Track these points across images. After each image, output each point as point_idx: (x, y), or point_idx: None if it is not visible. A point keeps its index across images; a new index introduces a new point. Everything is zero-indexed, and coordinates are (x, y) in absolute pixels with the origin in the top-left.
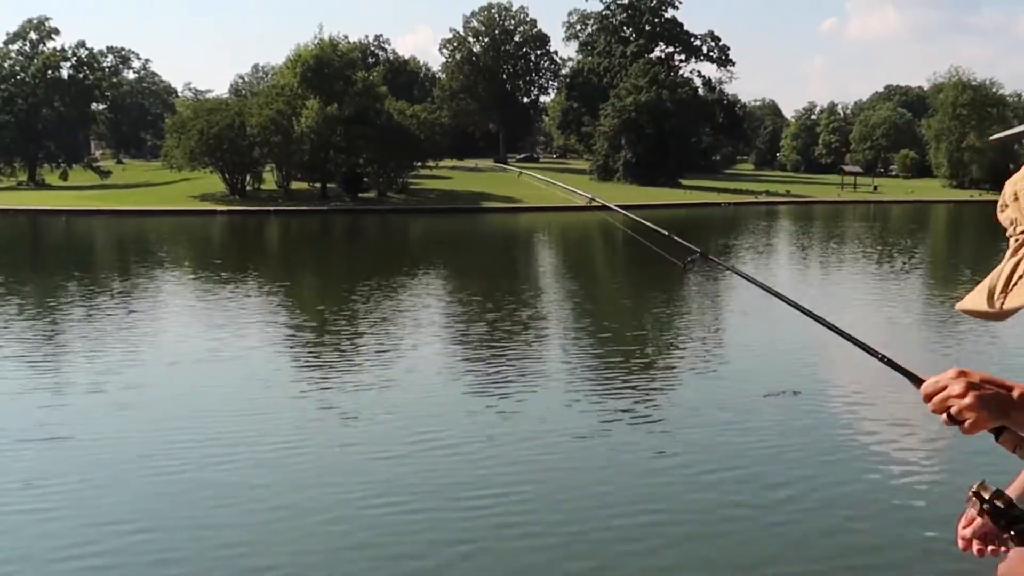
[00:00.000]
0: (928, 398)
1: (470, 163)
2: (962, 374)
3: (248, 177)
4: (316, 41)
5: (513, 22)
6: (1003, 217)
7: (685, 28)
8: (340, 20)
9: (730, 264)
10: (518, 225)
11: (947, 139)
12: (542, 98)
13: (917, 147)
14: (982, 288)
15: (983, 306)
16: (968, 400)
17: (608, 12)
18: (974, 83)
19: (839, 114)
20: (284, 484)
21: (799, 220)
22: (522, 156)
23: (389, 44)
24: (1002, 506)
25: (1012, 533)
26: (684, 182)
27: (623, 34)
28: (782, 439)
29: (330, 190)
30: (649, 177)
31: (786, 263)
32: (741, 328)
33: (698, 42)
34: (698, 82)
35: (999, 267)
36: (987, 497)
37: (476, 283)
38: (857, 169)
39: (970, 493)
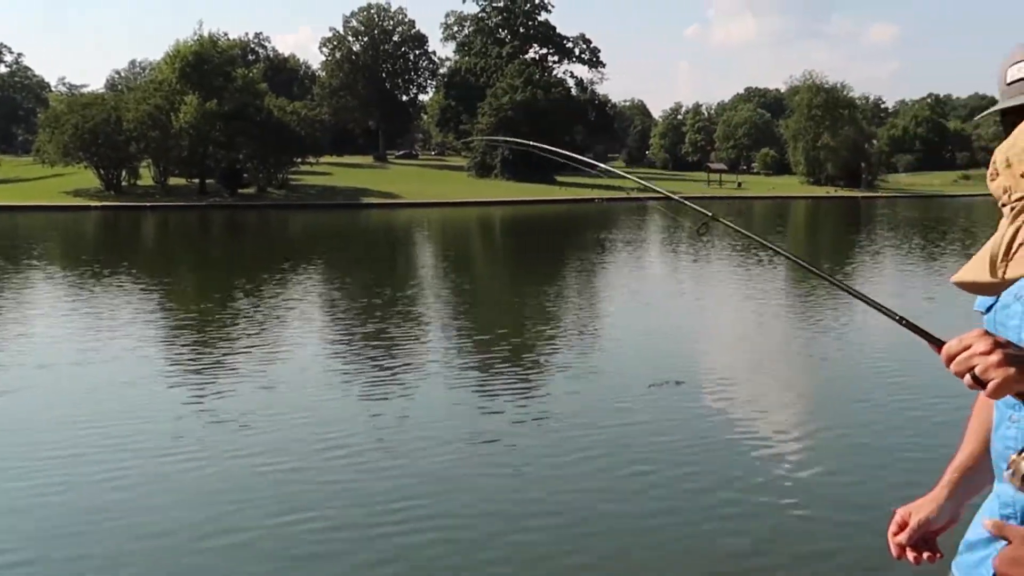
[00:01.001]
0: (950, 358)
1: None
2: (987, 334)
3: (124, 172)
4: (196, 37)
5: (392, 22)
6: (995, 186)
7: (558, 31)
8: (220, 18)
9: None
10: (398, 220)
11: (804, 138)
12: (421, 96)
13: (776, 146)
14: (981, 258)
15: (984, 277)
16: (995, 357)
17: (484, 15)
18: (827, 86)
19: (704, 114)
20: (166, 500)
21: (668, 214)
22: (401, 153)
23: (269, 42)
24: None
25: None
26: (559, 179)
27: (499, 36)
28: (666, 431)
29: (209, 186)
30: (525, 174)
31: (657, 255)
32: (625, 319)
33: (570, 44)
34: (571, 82)
35: (996, 236)
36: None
37: (358, 279)
38: (722, 167)
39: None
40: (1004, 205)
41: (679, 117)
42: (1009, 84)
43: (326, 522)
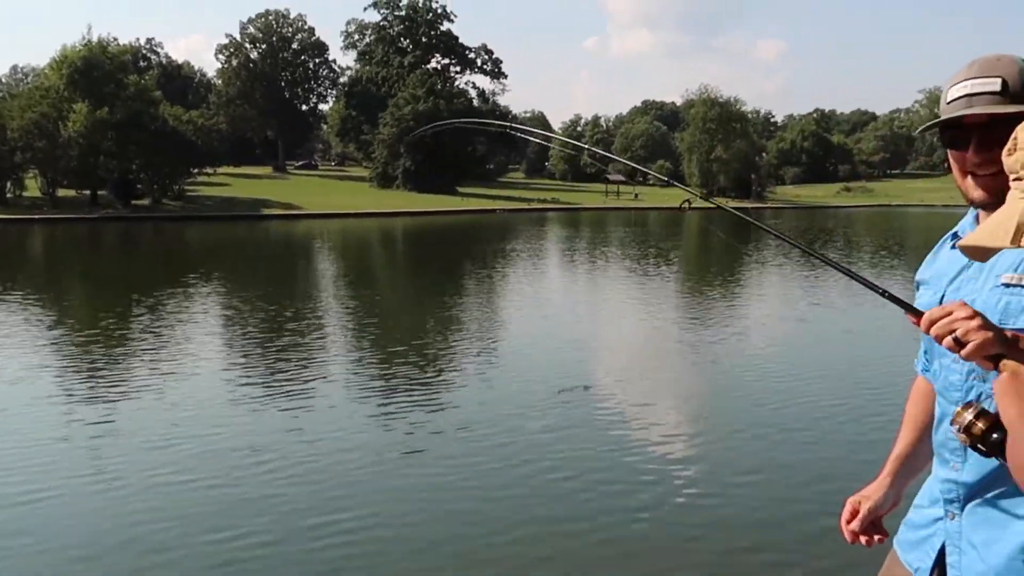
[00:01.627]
0: (932, 323)
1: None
2: (966, 304)
3: (8, 184)
4: (84, 42)
5: (291, 29)
6: (1011, 160)
7: (460, 41)
8: (108, 22)
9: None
10: (299, 232)
11: (698, 151)
12: (321, 106)
13: (672, 158)
14: (997, 225)
15: (1002, 243)
16: (976, 322)
17: (386, 23)
18: (721, 100)
19: (602, 126)
20: (78, 523)
21: (568, 226)
22: (301, 163)
23: (162, 48)
24: (983, 428)
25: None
26: (461, 190)
27: (400, 45)
28: (579, 436)
29: (101, 197)
30: (428, 185)
31: (558, 264)
32: (530, 327)
33: (472, 55)
34: (473, 93)
35: (1008, 209)
36: (968, 421)
37: (259, 292)
38: (620, 178)
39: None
40: (1019, 179)
41: (578, 129)
42: (949, 102)
43: (248, 539)
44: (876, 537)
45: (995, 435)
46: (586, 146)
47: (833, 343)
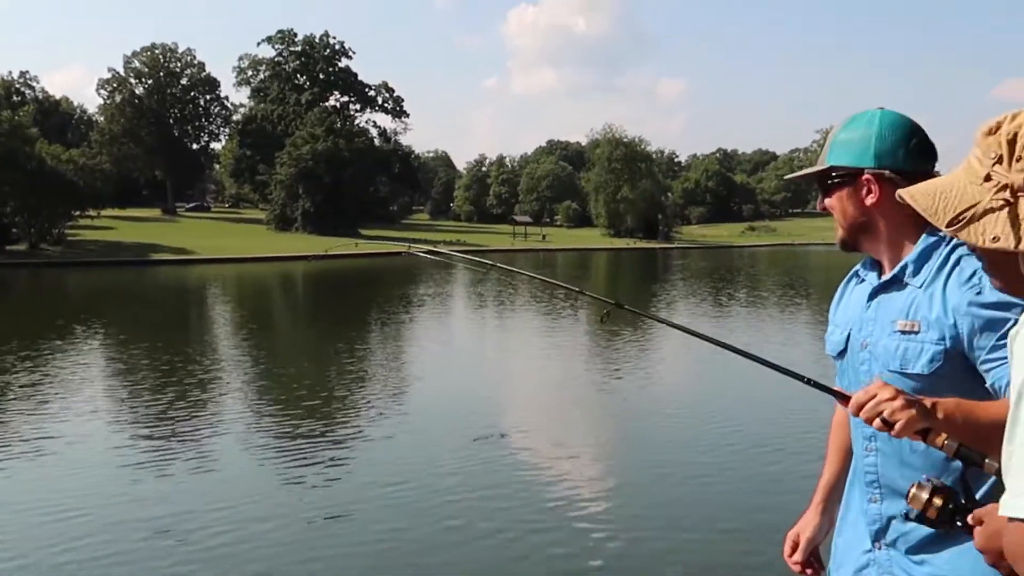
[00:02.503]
0: (860, 406)
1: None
2: (887, 384)
3: None
4: None
5: (179, 64)
6: (987, 141)
7: (360, 78)
8: None
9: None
10: (191, 278)
11: (604, 191)
12: (213, 144)
13: (578, 199)
14: (933, 196)
15: (938, 220)
16: (899, 402)
17: (281, 59)
18: (626, 140)
19: (508, 166)
20: None
21: (475, 267)
22: (192, 205)
23: (37, 82)
24: (940, 503)
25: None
26: (363, 232)
27: (297, 82)
28: (496, 484)
29: None
30: (328, 227)
31: (465, 309)
32: (441, 374)
33: (373, 92)
34: (374, 132)
35: (956, 186)
36: (926, 499)
37: (147, 343)
38: (527, 219)
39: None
40: (981, 163)
41: (483, 169)
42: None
43: None
44: (817, 569)
45: (950, 506)
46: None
47: (744, 380)
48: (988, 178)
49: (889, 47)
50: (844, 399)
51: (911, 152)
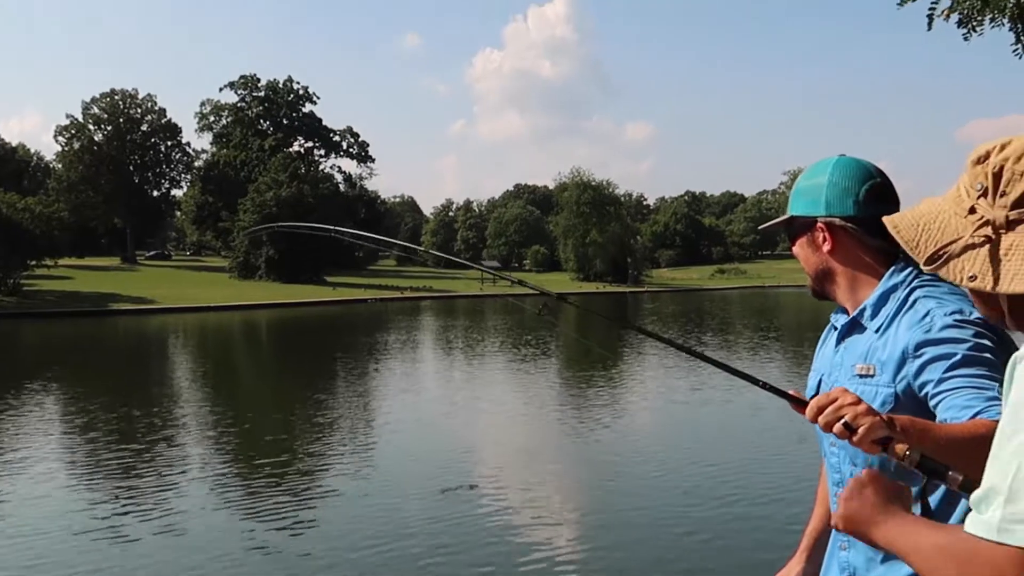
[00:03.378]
0: (820, 411)
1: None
2: (848, 391)
3: None
4: None
5: (140, 110)
6: (974, 170)
7: (324, 123)
8: None
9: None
10: (151, 328)
11: (573, 235)
12: (174, 191)
13: (547, 243)
14: (916, 227)
15: (916, 254)
16: (862, 407)
17: (243, 104)
18: (593, 183)
19: (475, 211)
20: None
21: (444, 314)
22: (152, 254)
23: None
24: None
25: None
26: (329, 279)
27: (260, 127)
28: (465, 535)
29: None
30: (293, 274)
31: (432, 356)
32: (409, 425)
33: (337, 138)
34: (339, 178)
35: (940, 216)
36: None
37: (105, 395)
38: (495, 264)
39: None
40: (968, 195)
41: (450, 214)
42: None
43: None
44: None
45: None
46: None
47: (713, 424)
48: (972, 211)
49: (856, 89)
50: (801, 404)
51: (862, 198)
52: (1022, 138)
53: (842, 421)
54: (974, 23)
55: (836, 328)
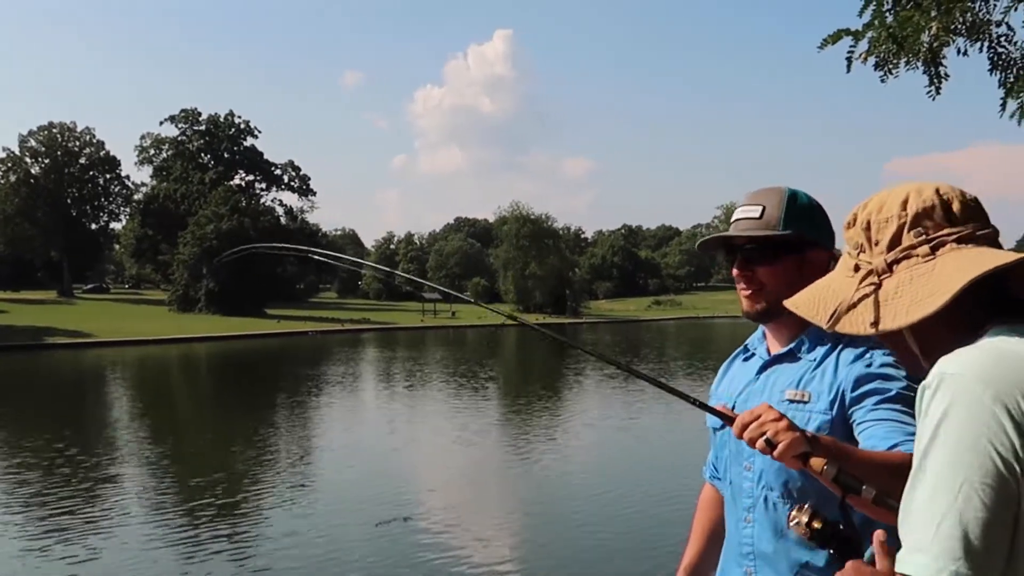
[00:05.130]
0: (743, 427)
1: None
2: (772, 408)
3: None
4: None
5: (78, 143)
6: (848, 234)
7: (265, 157)
8: None
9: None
10: (88, 362)
11: (513, 267)
12: (113, 224)
13: (487, 275)
14: (820, 300)
15: (820, 321)
16: (784, 423)
17: (184, 138)
18: (532, 216)
19: (416, 244)
20: None
21: (385, 346)
22: (90, 287)
23: None
24: (819, 527)
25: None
26: (270, 311)
27: (201, 160)
28: (400, 567)
29: None
30: (233, 307)
31: (373, 389)
32: (346, 457)
33: (279, 171)
34: (280, 211)
35: (836, 282)
36: (806, 522)
37: (37, 432)
38: (436, 296)
39: (798, 521)
40: (850, 255)
41: (392, 247)
42: (732, 222)
43: None
44: None
45: (828, 529)
46: (400, 272)
47: (652, 450)
48: (857, 268)
49: (787, 126)
50: (729, 420)
51: (831, 235)
52: (879, 193)
53: (764, 437)
54: (890, 66)
55: (751, 355)
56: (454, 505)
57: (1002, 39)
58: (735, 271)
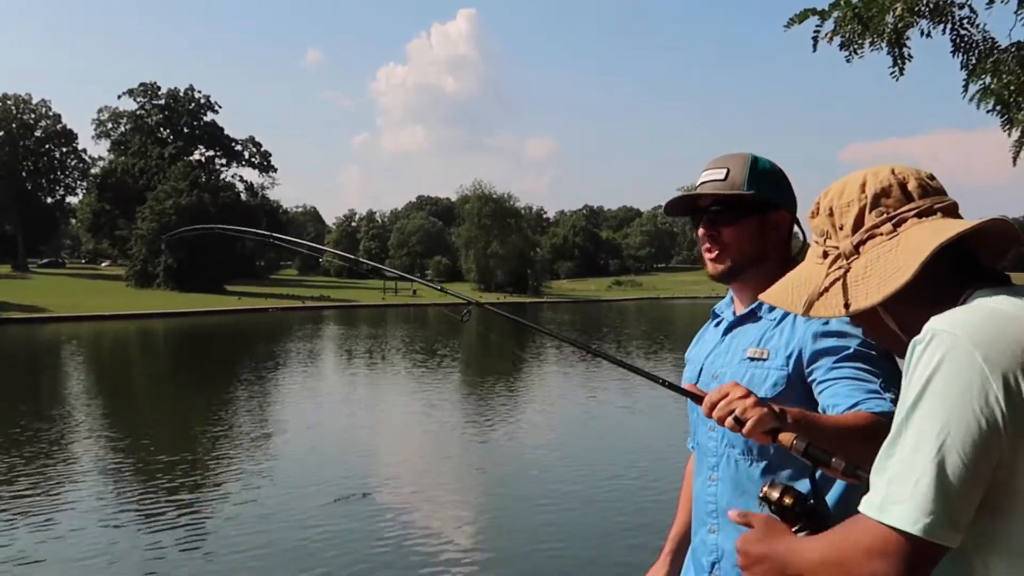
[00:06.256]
0: (712, 406)
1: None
2: (738, 384)
3: None
4: None
5: (33, 116)
6: (813, 223)
7: (226, 132)
8: None
9: (506, 313)
10: (43, 337)
11: (475, 246)
12: (69, 198)
13: (449, 254)
14: (792, 289)
15: (794, 308)
16: (751, 400)
17: (143, 112)
18: (495, 196)
19: (378, 221)
20: None
21: (345, 323)
22: (45, 261)
23: None
24: (790, 503)
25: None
26: (229, 288)
27: (160, 135)
28: (356, 543)
29: None
30: (192, 283)
31: (332, 365)
32: (303, 434)
33: (239, 147)
34: (241, 187)
35: (806, 271)
36: (776, 498)
37: None
38: (397, 274)
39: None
40: (817, 243)
41: (353, 224)
42: (698, 185)
43: None
44: None
45: (798, 506)
46: (363, 259)
47: (611, 426)
48: (825, 255)
49: (746, 110)
50: (697, 399)
51: (793, 198)
52: (838, 181)
53: (732, 415)
54: (855, 46)
55: (719, 318)
56: (413, 481)
57: (964, 21)
58: (700, 231)
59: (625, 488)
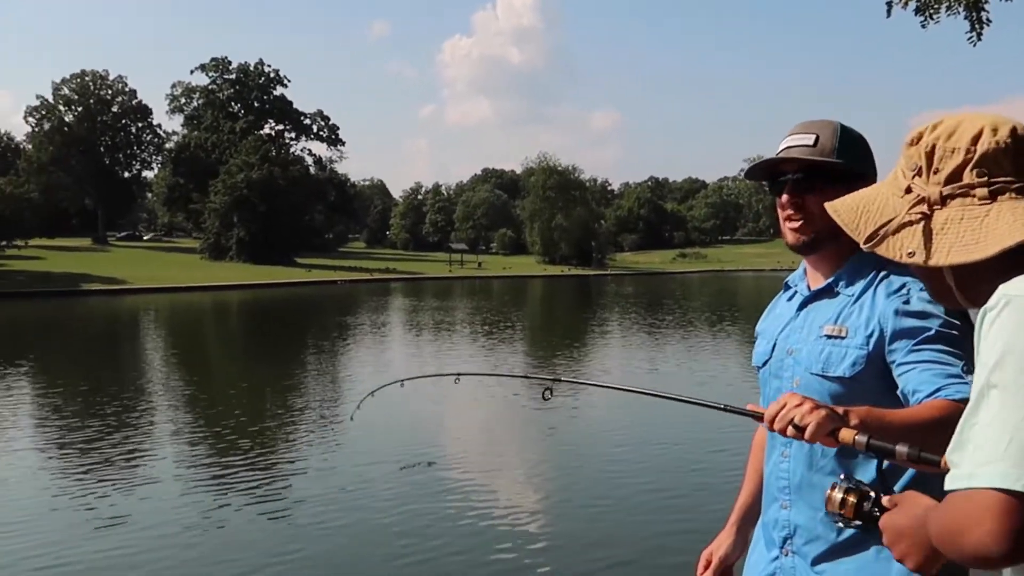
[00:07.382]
0: (771, 420)
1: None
2: (795, 394)
3: None
4: None
5: (110, 91)
6: (908, 152)
7: (295, 106)
8: None
9: (588, 380)
10: (123, 308)
11: (539, 219)
12: (145, 173)
13: (513, 226)
14: (857, 210)
15: (858, 236)
16: (807, 407)
17: (215, 87)
18: (560, 168)
19: (443, 194)
20: None
21: (412, 295)
22: (123, 234)
23: None
24: (854, 501)
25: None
26: (299, 260)
27: (231, 109)
28: (422, 511)
29: None
30: (263, 256)
31: (400, 337)
32: (373, 403)
33: (308, 120)
34: (309, 160)
35: (880, 198)
36: (840, 499)
37: (76, 376)
38: (463, 246)
39: (837, 500)
40: (904, 176)
41: (419, 197)
42: (782, 149)
43: None
44: None
45: (865, 505)
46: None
47: (678, 407)
48: (909, 190)
49: (812, 79)
50: (759, 416)
51: (875, 172)
52: (953, 117)
53: (791, 424)
54: (931, 11)
55: (793, 292)
56: (480, 452)
57: None
58: (784, 198)
59: (707, 463)
